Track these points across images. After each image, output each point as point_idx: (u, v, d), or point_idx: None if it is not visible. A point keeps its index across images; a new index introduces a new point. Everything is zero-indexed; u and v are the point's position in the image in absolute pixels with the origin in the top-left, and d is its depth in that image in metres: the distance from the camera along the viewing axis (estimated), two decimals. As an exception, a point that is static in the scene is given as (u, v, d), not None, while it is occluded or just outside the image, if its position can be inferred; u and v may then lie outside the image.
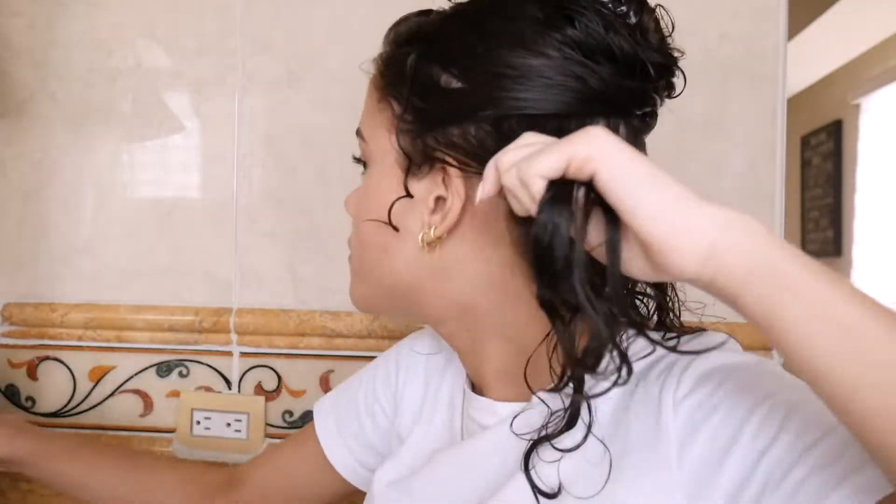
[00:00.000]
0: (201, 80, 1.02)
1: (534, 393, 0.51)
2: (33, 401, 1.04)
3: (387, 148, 0.52)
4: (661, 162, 0.62)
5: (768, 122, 0.94)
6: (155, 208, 1.03)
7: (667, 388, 0.45)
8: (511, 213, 0.44)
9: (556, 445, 0.47)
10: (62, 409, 1.04)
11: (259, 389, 1.01)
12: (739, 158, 0.95)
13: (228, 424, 1.00)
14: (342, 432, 0.71)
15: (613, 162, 0.36)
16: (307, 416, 1.00)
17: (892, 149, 2.85)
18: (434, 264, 0.52)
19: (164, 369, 1.02)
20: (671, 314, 0.52)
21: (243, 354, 1.01)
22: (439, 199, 0.51)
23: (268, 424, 1.00)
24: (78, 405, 1.03)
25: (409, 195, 0.51)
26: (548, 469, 0.48)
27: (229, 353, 1.01)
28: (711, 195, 0.75)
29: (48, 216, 1.04)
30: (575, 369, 0.40)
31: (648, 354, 0.48)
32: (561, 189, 0.37)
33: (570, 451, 0.46)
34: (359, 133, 0.56)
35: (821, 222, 3.50)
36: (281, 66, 1.00)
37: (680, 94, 0.53)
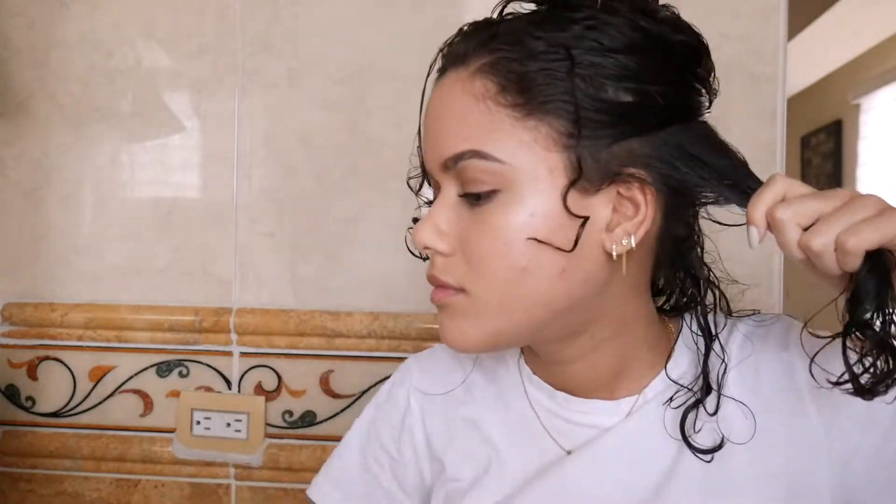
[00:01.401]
0: (201, 80, 1.02)
1: (674, 380, 0.57)
2: (33, 401, 1.04)
3: (544, 165, 0.49)
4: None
5: (768, 122, 0.94)
6: (155, 208, 1.03)
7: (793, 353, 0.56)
8: (666, 236, 0.53)
9: (701, 413, 0.54)
10: (62, 409, 1.04)
11: (259, 389, 1.01)
12: (739, 158, 0.95)
13: (228, 424, 1.00)
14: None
15: None
16: (307, 416, 1.00)
17: (892, 149, 2.85)
18: (611, 278, 0.52)
19: (164, 369, 1.02)
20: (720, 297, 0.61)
21: (243, 354, 1.01)
22: (615, 210, 0.50)
23: (268, 424, 1.00)
24: (78, 405, 1.03)
25: (577, 216, 0.49)
26: (700, 438, 0.55)
27: (229, 353, 1.01)
28: (711, 195, 0.73)
29: (48, 216, 1.04)
30: (865, 393, 0.45)
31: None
32: (879, 260, 0.43)
33: (713, 414, 0.54)
34: (477, 154, 0.50)
35: (821, 222, 3.50)
36: (281, 66, 1.00)
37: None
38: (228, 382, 1.02)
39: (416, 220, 0.56)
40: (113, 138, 1.03)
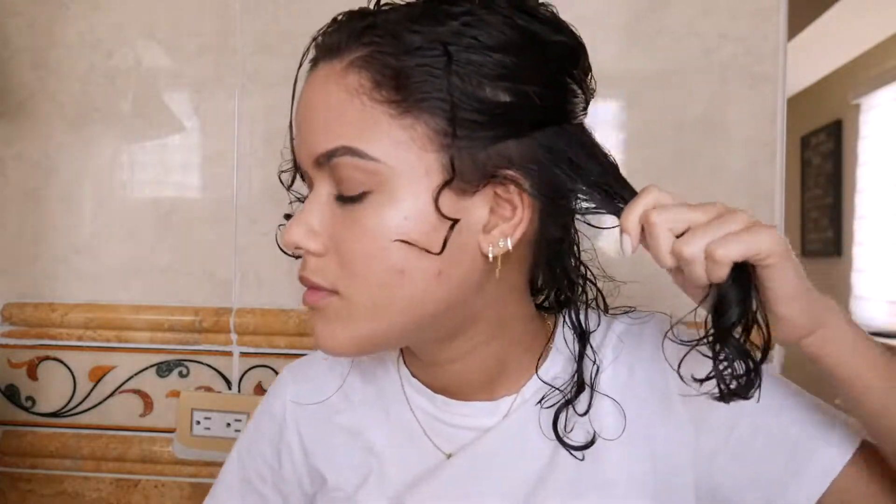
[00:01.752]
0: (201, 79, 1.02)
1: (546, 381, 0.57)
2: (33, 401, 1.04)
3: (421, 165, 0.47)
4: (662, 162, 0.62)
5: (768, 122, 0.94)
6: (155, 208, 1.03)
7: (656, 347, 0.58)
8: (543, 237, 0.53)
9: (575, 411, 0.56)
10: (62, 409, 1.04)
11: (259, 389, 1.01)
12: (739, 158, 0.95)
13: (228, 424, 1.00)
14: None
15: (787, 262, 0.44)
16: (307, 416, 1.00)
17: (892, 149, 2.85)
18: (487, 279, 0.51)
19: (164, 369, 1.02)
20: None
21: (243, 354, 1.01)
22: (492, 211, 0.49)
23: (268, 424, 1.00)
24: (78, 405, 1.03)
25: (447, 218, 0.48)
26: (573, 436, 0.56)
27: (229, 353, 1.01)
28: (711, 195, 0.77)
29: (48, 216, 1.04)
30: (728, 396, 0.46)
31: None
32: (742, 274, 0.45)
33: (584, 413, 0.56)
34: (351, 152, 0.48)
35: (821, 222, 3.50)
36: (281, 66, 1.00)
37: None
38: (228, 382, 1.02)
39: (287, 217, 0.54)
40: (113, 138, 1.03)
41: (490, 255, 0.49)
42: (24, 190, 1.04)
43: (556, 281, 0.60)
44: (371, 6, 0.51)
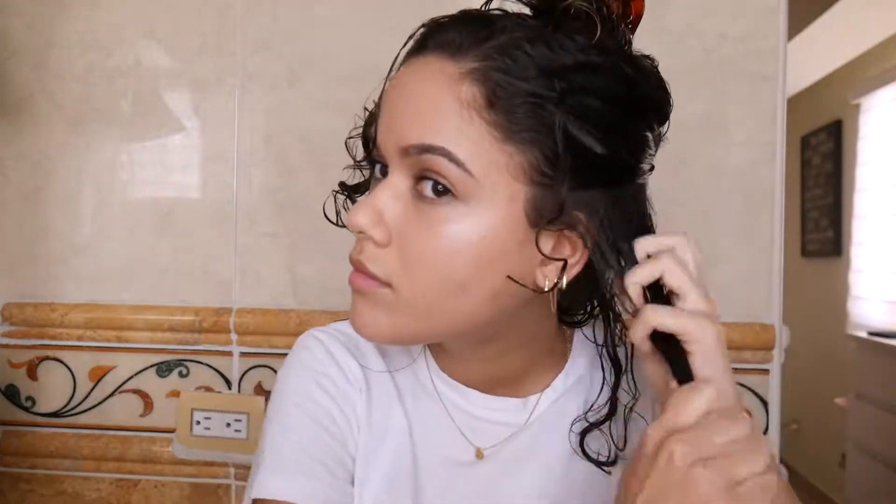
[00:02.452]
0: (201, 80, 1.02)
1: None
2: (33, 401, 1.04)
3: (513, 193, 0.48)
4: (662, 162, 0.62)
5: (768, 122, 0.94)
6: (155, 208, 1.03)
7: None
8: (584, 273, 0.53)
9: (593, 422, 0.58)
10: (62, 409, 1.04)
11: (259, 389, 1.01)
12: (739, 158, 0.95)
13: (228, 424, 1.00)
14: (334, 475, 0.58)
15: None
16: (307, 416, 1.00)
17: (892, 149, 2.85)
18: (531, 304, 0.53)
19: (164, 369, 1.02)
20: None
21: (243, 354, 1.01)
22: (553, 249, 0.51)
23: (268, 424, 1.00)
24: (78, 405, 1.03)
25: (543, 254, 0.49)
26: (594, 444, 0.58)
27: (229, 353, 1.01)
28: (711, 195, 0.77)
29: (48, 216, 1.04)
30: None
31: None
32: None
33: (599, 423, 0.58)
34: (446, 154, 0.47)
35: (821, 222, 3.50)
36: (281, 66, 1.00)
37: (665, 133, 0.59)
38: (228, 382, 1.02)
39: (343, 185, 0.58)
40: (113, 138, 1.03)
41: (546, 288, 0.50)
42: (24, 190, 1.04)
43: (586, 304, 0.62)
44: (485, 6, 0.52)
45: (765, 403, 0.94)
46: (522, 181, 0.47)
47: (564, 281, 0.50)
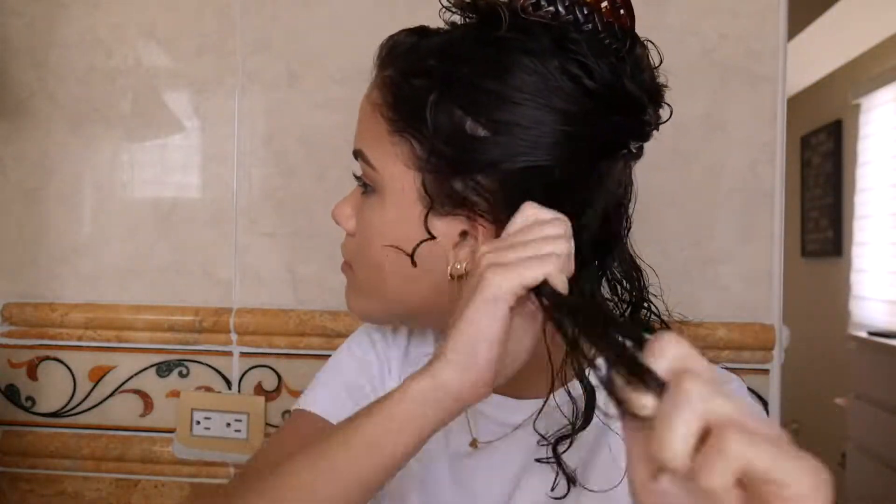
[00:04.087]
0: (201, 80, 1.02)
1: (567, 386, 0.55)
2: (33, 401, 1.04)
3: (406, 183, 0.53)
4: (662, 162, 0.62)
5: (768, 122, 0.94)
6: (155, 208, 1.03)
7: None
8: None
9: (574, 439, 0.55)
10: (62, 409, 1.04)
11: (259, 389, 1.01)
12: (739, 158, 0.95)
13: (228, 424, 1.00)
14: (347, 399, 0.67)
15: None
16: (307, 416, 1.00)
17: (892, 149, 2.85)
18: (457, 291, 0.53)
19: (164, 369, 1.02)
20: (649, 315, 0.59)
21: (243, 354, 1.01)
22: (462, 234, 0.53)
23: (268, 424, 1.00)
24: (78, 405, 1.03)
25: (432, 237, 0.52)
26: (566, 458, 0.56)
27: (229, 353, 1.01)
28: (711, 195, 0.77)
29: (48, 216, 1.04)
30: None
31: None
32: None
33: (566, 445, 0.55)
34: (361, 156, 0.55)
35: (821, 222, 3.50)
36: (281, 66, 1.00)
37: (666, 121, 0.57)
38: (228, 382, 1.02)
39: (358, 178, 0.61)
40: (113, 138, 1.03)
41: (449, 274, 0.53)
42: (24, 190, 1.04)
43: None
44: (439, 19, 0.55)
45: (765, 403, 0.94)
46: (414, 168, 0.52)
47: (465, 266, 0.52)
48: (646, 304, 0.59)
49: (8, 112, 1.04)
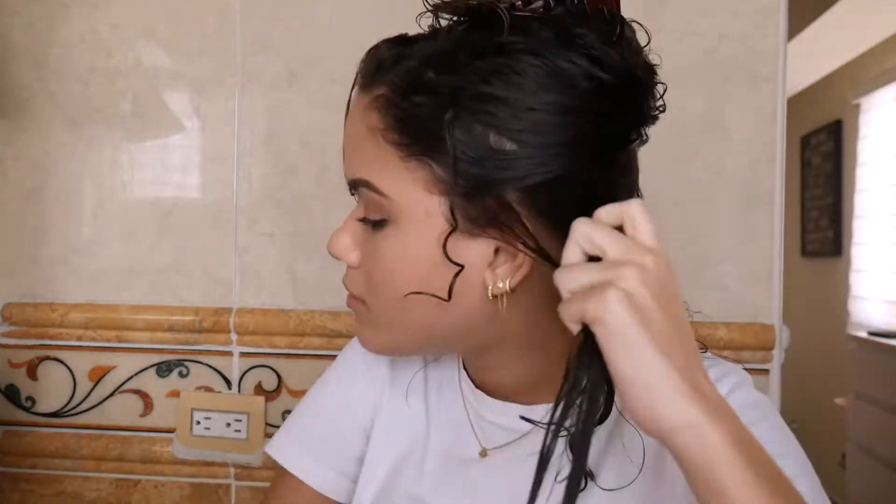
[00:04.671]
0: (201, 80, 1.02)
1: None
2: (33, 401, 1.04)
3: (428, 207, 0.49)
4: (662, 162, 0.62)
5: (768, 122, 0.94)
6: (155, 208, 1.03)
7: None
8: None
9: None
10: (62, 409, 1.04)
11: (259, 389, 1.01)
12: (739, 158, 0.95)
13: (228, 424, 1.00)
14: (324, 459, 0.67)
15: (618, 338, 0.40)
16: (307, 416, 1.00)
17: (892, 149, 2.85)
18: (495, 312, 0.52)
19: (164, 369, 1.02)
20: None
21: (243, 354, 1.01)
22: (496, 251, 0.50)
23: (268, 424, 1.00)
24: (78, 405, 1.03)
25: (458, 266, 0.50)
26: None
27: (229, 353, 1.01)
28: (711, 195, 0.76)
29: (48, 216, 1.04)
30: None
31: None
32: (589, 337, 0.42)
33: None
34: (367, 185, 0.51)
35: (821, 222, 3.50)
36: (281, 66, 1.00)
37: (663, 106, 0.55)
38: (228, 382, 1.02)
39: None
40: (113, 138, 1.03)
41: (489, 294, 0.50)
42: (24, 190, 1.04)
43: None
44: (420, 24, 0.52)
45: (765, 403, 0.94)
46: (436, 193, 0.49)
47: (508, 284, 0.50)
48: None
49: (8, 112, 1.04)
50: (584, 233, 0.43)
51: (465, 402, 0.62)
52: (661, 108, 0.53)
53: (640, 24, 0.52)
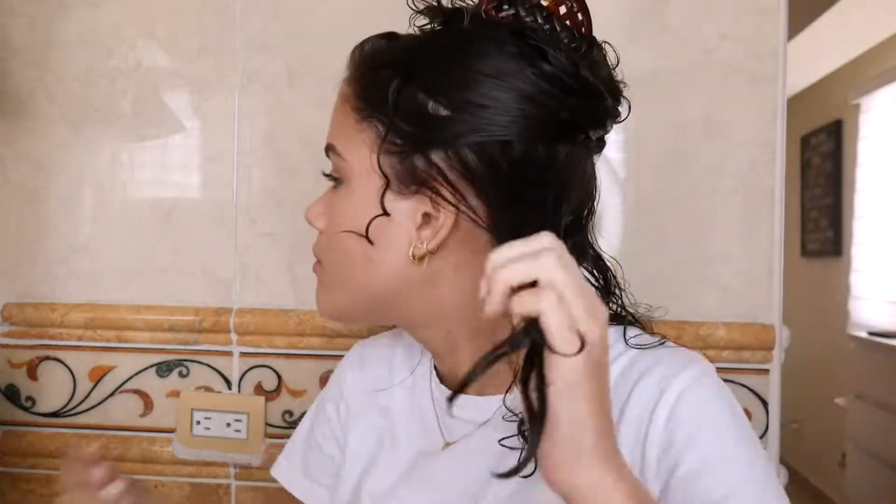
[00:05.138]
0: (201, 79, 1.02)
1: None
2: (33, 401, 1.04)
3: (369, 166, 0.55)
4: (662, 162, 0.62)
5: (768, 122, 0.94)
6: (155, 208, 1.03)
7: (657, 410, 0.52)
8: (495, 235, 0.52)
9: None
10: (62, 409, 1.04)
11: (259, 389, 1.01)
12: (739, 158, 0.95)
13: (228, 424, 1.00)
14: (312, 477, 0.75)
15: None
16: (307, 416, 1.00)
17: (892, 149, 2.85)
18: (421, 274, 0.56)
19: (164, 369, 1.02)
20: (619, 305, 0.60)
21: (243, 354, 1.01)
22: (425, 215, 0.54)
23: (268, 424, 1.00)
24: (78, 405, 1.03)
25: (385, 213, 0.54)
26: None
27: (229, 353, 1.01)
28: (711, 195, 0.76)
29: (48, 216, 1.04)
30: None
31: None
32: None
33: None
34: (332, 149, 0.58)
35: (821, 222, 3.50)
36: (281, 66, 1.00)
37: (624, 119, 0.59)
38: (228, 382, 1.02)
39: None
40: (113, 138, 1.03)
41: (411, 255, 0.54)
42: (24, 190, 1.04)
43: None
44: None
45: (765, 403, 0.94)
46: (374, 152, 0.54)
47: (427, 246, 0.54)
48: (614, 295, 0.60)
49: (8, 112, 1.04)
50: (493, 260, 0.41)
51: (433, 398, 0.64)
52: (613, 118, 0.57)
53: (611, 45, 0.57)
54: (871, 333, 2.69)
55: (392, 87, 0.52)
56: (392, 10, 0.99)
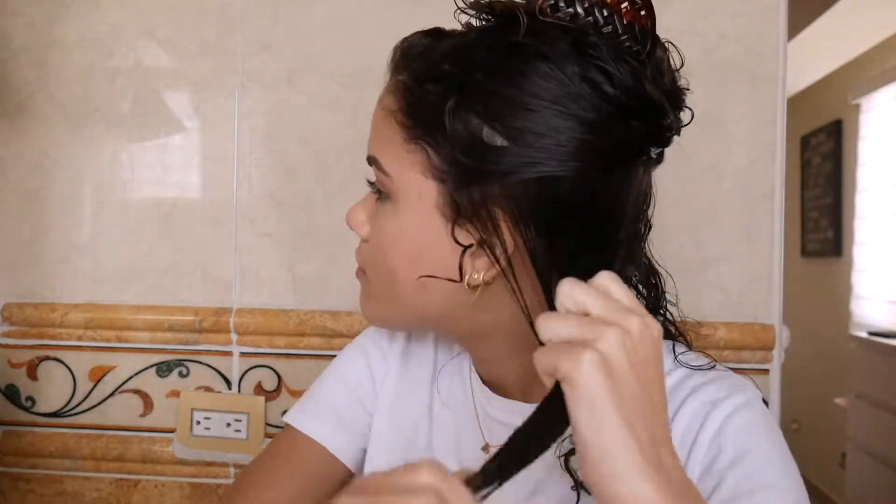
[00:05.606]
0: (201, 80, 1.02)
1: None
2: (33, 401, 1.04)
3: (422, 190, 0.52)
4: (662, 161, 0.62)
5: (768, 122, 0.94)
6: (155, 208, 1.03)
7: (705, 427, 0.52)
8: (550, 265, 0.49)
9: None
10: (62, 408, 1.04)
11: (259, 389, 1.01)
12: (739, 158, 0.95)
13: (228, 424, 1.00)
14: (345, 426, 0.69)
15: (583, 401, 0.39)
16: (307, 416, 1.00)
17: (892, 149, 2.85)
18: (473, 300, 0.53)
19: (164, 369, 1.02)
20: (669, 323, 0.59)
21: (243, 354, 1.01)
22: (480, 243, 0.51)
23: (268, 424, 1.00)
24: (78, 405, 1.03)
25: (464, 247, 0.51)
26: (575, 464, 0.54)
27: (229, 353, 1.01)
28: (711, 195, 0.76)
29: (48, 216, 1.04)
30: None
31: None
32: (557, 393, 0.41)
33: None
34: (376, 163, 0.54)
35: (821, 222, 3.50)
36: (281, 66, 1.00)
37: (687, 124, 0.55)
38: (228, 382, 1.02)
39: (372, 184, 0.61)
40: (113, 138, 1.03)
41: (465, 283, 0.52)
42: (24, 190, 1.04)
43: None
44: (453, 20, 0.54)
45: (765, 403, 0.94)
46: (431, 178, 0.51)
47: (482, 277, 0.52)
48: (662, 312, 0.58)
49: (8, 112, 1.04)
50: (566, 291, 0.41)
51: (474, 398, 0.63)
52: (676, 132, 0.53)
53: (675, 46, 0.54)
54: (872, 333, 2.69)
55: (447, 111, 0.48)
56: (392, 9, 0.99)
